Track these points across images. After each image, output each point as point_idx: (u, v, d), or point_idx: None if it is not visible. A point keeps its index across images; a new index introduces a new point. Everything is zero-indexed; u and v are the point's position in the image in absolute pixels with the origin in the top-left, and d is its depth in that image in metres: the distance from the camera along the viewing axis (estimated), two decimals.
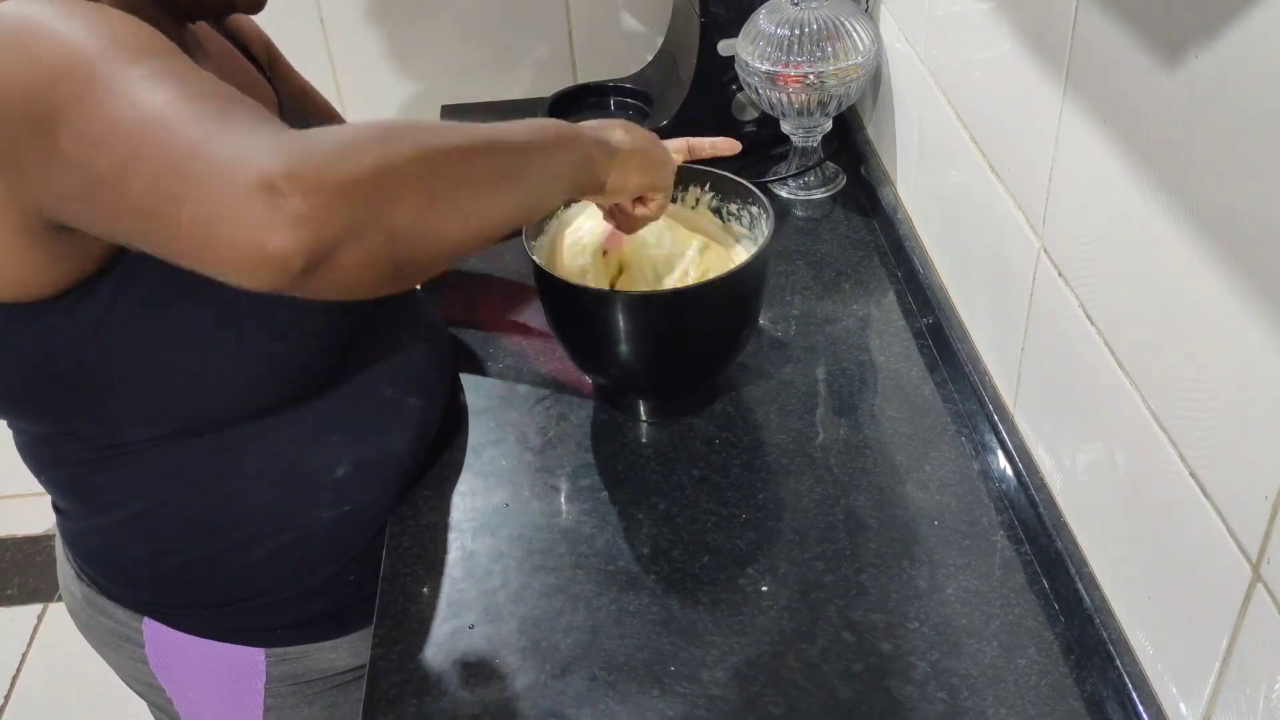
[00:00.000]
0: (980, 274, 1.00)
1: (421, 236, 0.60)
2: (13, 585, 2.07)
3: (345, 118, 1.66)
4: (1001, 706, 0.76)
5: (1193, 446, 0.64)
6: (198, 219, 0.55)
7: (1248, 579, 0.60)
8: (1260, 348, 0.56)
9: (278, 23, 1.01)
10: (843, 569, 0.86)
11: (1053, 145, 0.79)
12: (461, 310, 1.16)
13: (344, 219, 0.55)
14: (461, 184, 0.64)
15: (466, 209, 0.64)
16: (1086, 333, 0.76)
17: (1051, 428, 0.87)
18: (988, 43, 0.90)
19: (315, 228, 0.54)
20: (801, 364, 1.06)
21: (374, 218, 0.57)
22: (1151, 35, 0.64)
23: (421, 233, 0.60)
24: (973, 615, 0.82)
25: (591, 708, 0.77)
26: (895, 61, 1.21)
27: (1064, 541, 0.83)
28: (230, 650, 0.92)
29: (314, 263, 0.55)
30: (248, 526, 0.86)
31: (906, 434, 0.98)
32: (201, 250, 0.56)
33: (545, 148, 0.73)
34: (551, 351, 1.08)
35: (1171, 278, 0.64)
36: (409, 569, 0.88)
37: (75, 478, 0.85)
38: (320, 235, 0.54)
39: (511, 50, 1.63)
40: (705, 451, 0.97)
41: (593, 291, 0.92)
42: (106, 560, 0.90)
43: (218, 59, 0.87)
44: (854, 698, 0.77)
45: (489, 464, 0.97)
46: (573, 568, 0.87)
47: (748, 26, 1.23)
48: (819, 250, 1.22)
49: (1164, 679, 0.71)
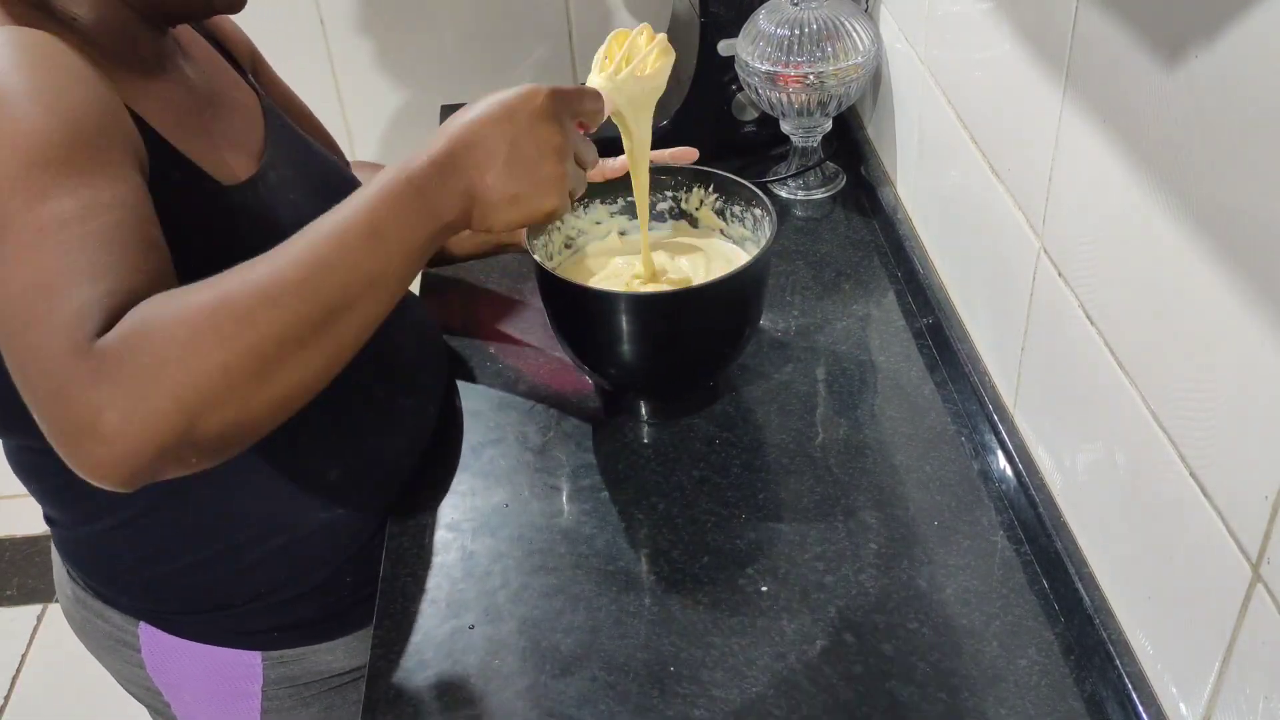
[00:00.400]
0: (980, 274, 1.00)
1: (261, 419, 0.62)
2: (12, 585, 2.07)
3: (346, 118, 1.67)
4: (1001, 706, 0.76)
5: (1193, 446, 0.64)
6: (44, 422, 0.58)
7: (1248, 579, 0.60)
8: (1260, 348, 0.56)
9: (278, 24, 1.01)
10: (843, 569, 0.86)
11: (1053, 145, 0.79)
12: (460, 313, 1.16)
13: (152, 457, 0.57)
14: (292, 348, 0.61)
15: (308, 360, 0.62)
16: (1086, 333, 0.76)
17: (1051, 428, 0.87)
18: (988, 43, 0.90)
19: (127, 469, 0.57)
20: (801, 364, 1.06)
21: (187, 441, 0.58)
22: (1151, 35, 0.64)
23: (260, 417, 0.62)
24: (973, 615, 0.82)
25: (592, 708, 0.77)
26: (895, 61, 1.21)
27: (1064, 541, 0.83)
28: (227, 654, 0.91)
29: (144, 480, 0.59)
30: (241, 530, 0.86)
31: (906, 434, 0.98)
32: None
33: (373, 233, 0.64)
34: (551, 352, 1.08)
35: (1171, 278, 0.64)
36: (409, 569, 0.88)
37: (67, 487, 0.85)
38: (134, 472, 0.58)
39: (511, 51, 1.63)
40: (705, 452, 0.97)
41: (595, 292, 0.93)
42: (101, 567, 0.90)
43: (200, 63, 0.87)
44: (854, 698, 0.77)
45: (489, 464, 0.97)
46: (573, 568, 0.87)
47: (748, 26, 1.23)
48: (819, 250, 1.22)
49: (1164, 679, 0.71)
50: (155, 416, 0.57)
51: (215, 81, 0.87)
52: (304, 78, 1.09)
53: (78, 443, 0.57)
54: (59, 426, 0.58)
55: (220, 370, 0.58)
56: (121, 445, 0.56)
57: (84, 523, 0.87)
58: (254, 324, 0.59)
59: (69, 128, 0.63)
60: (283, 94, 1.04)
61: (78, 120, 0.63)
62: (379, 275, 0.64)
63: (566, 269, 1.02)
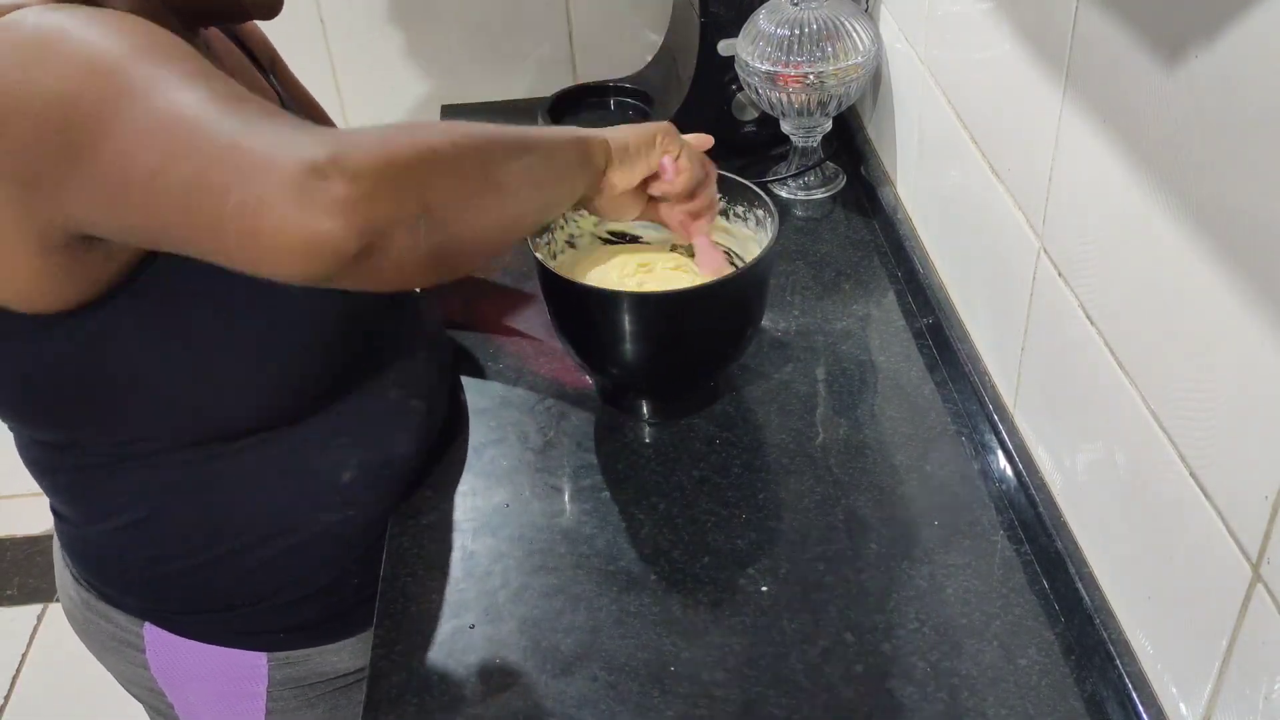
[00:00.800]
0: (980, 274, 1.00)
1: (461, 224, 0.63)
2: (12, 585, 2.07)
3: (346, 118, 1.67)
4: (1001, 707, 0.76)
5: (1193, 446, 0.64)
6: (243, 210, 0.55)
7: (1248, 579, 0.60)
8: (1260, 348, 0.56)
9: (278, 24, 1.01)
10: (843, 569, 0.86)
11: (1053, 145, 0.79)
12: (461, 312, 1.16)
13: (389, 202, 0.56)
14: (494, 175, 0.66)
15: (499, 199, 0.67)
16: (1086, 333, 0.77)
17: (1051, 428, 0.87)
18: (988, 43, 0.90)
19: (364, 210, 0.55)
20: (801, 364, 1.06)
21: (418, 201, 0.59)
22: (1151, 35, 0.64)
23: (461, 220, 0.63)
24: (973, 615, 0.82)
25: (592, 708, 0.77)
26: (895, 61, 1.21)
27: (1064, 541, 0.83)
28: (232, 654, 0.91)
29: (365, 247, 0.56)
30: (251, 531, 0.86)
31: (906, 434, 0.98)
32: (248, 242, 0.56)
33: (560, 149, 0.77)
34: (552, 351, 1.08)
35: (1171, 278, 0.64)
36: (409, 569, 0.88)
37: (78, 484, 0.85)
38: (369, 218, 0.55)
39: (511, 50, 1.63)
40: (706, 451, 0.97)
41: (597, 291, 0.93)
42: (107, 566, 0.90)
43: (225, 64, 0.87)
44: (854, 698, 0.77)
45: (489, 464, 0.97)
46: (573, 568, 0.87)
47: (748, 26, 1.23)
48: (819, 250, 1.22)
49: (1164, 679, 0.71)
50: (399, 156, 0.58)
51: (240, 81, 0.87)
52: (304, 78, 1.09)
53: (310, 190, 0.54)
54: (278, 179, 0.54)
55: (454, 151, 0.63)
56: (359, 177, 0.55)
57: (92, 521, 0.87)
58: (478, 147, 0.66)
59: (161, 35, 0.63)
60: (300, 94, 1.04)
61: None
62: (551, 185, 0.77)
63: (568, 268, 1.02)
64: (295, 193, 0.54)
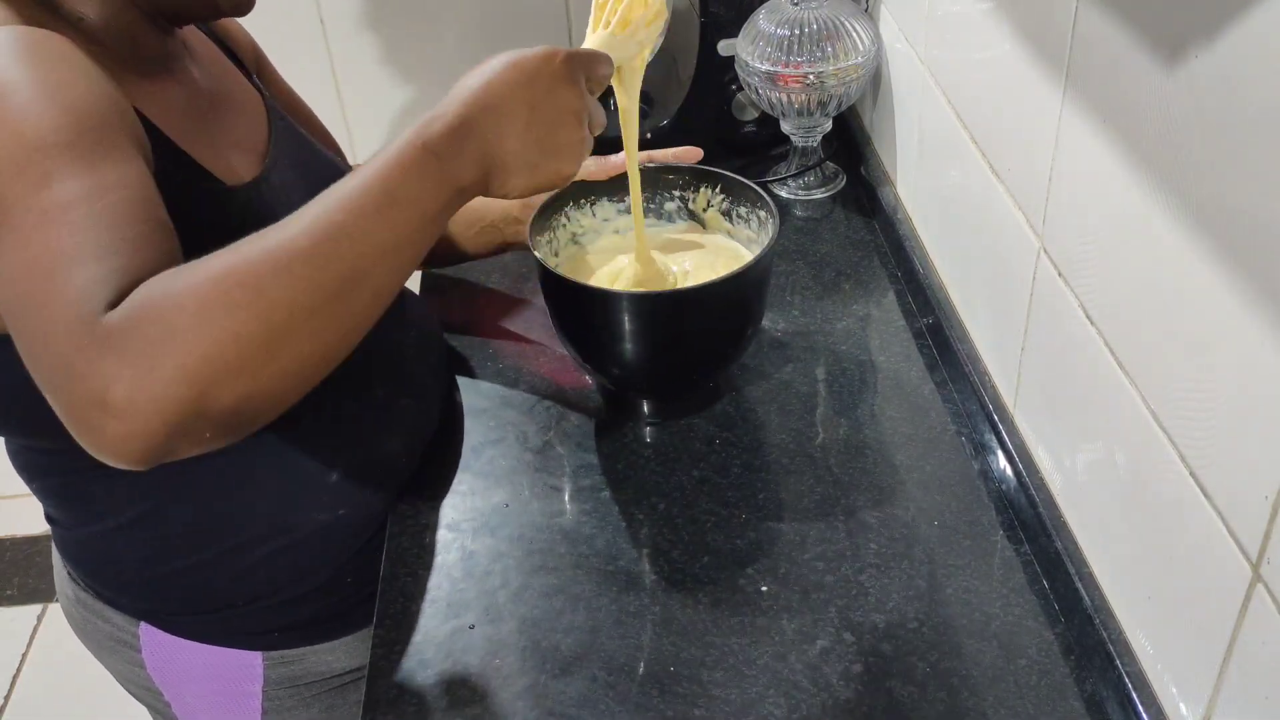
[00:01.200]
0: (980, 274, 1.00)
1: (275, 392, 0.60)
2: (12, 585, 2.07)
3: (346, 118, 1.67)
4: (1001, 707, 0.76)
5: (1193, 446, 0.64)
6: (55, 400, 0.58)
7: (1248, 579, 0.60)
8: (1260, 348, 0.56)
9: (278, 25, 1.02)
10: (843, 569, 0.86)
11: (1053, 145, 0.79)
12: (460, 312, 1.16)
13: (163, 430, 0.56)
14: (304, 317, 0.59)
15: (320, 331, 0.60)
16: (1086, 333, 0.76)
17: (1051, 428, 0.87)
18: (988, 43, 0.90)
19: (143, 444, 0.56)
20: (801, 364, 1.06)
21: (199, 414, 0.57)
22: (1151, 35, 0.64)
23: (273, 390, 0.60)
24: (973, 615, 0.82)
25: (592, 708, 0.77)
26: (895, 61, 1.21)
27: (1064, 541, 0.83)
28: (227, 654, 0.91)
29: (168, 450, 0.57)
30: (243, 531, 0.86)
31: (906, 434, 0.98)
32: None
33: (389, 201, 0.62)
34: (551, 351, 1.08)
35: (1171, 278, 0.64)
36: (409, 569, 0.88)
37: (69, 487, 0.85)
38: (151, 447, 0.56)
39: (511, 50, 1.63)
40: (705, 451, 0.97)
41: (598, 291, 0.93)
42: (102, 567, 0.90)
43: (206, 64, 0.87)
44: (854, 698, 0.77)
45: (489, 464, 0.97)
46: (573, 568, 0.87)
47: (748, 26, 1.23)
48: (819, 250, 1.22)
49: (1164, 679, 0.71)
50: (165, 388, 0.55)
51: (220, 82, 0.87)
52: (304, 78, 1.09)
53: (89, 418, 0.56)
54: (70, 402, 0.56)
55: (231, 340, 0.56)
56: (132, 419, 0.55)
57: (85, 523, 0.87)
58: (264, 292, 0.57)
59: (72, 116, 0.62)
60: (286, 95, 1.04)
61: (82, 110, 0.63)
62: (394, 243, 0.62)
63: (569, 267, 1.02)
64: (83, 425, 0.57)
